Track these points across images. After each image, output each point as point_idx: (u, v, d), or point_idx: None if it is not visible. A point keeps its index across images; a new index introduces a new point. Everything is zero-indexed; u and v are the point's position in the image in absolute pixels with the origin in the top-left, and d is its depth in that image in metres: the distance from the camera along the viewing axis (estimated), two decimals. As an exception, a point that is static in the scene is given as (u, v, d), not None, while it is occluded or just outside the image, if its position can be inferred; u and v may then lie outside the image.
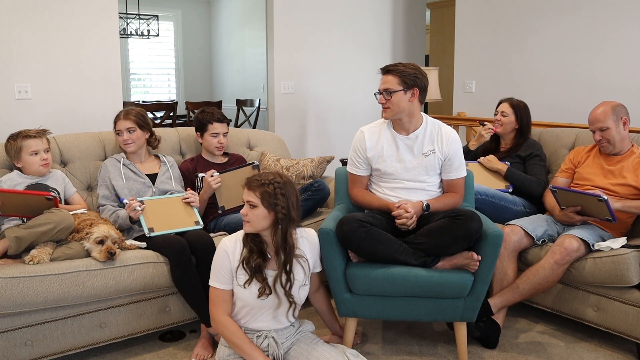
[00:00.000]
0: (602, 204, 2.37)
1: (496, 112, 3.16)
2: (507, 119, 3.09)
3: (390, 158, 2.43)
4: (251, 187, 1.96)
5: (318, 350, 2.01)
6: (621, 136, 2.60)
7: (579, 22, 4.07)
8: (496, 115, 3.15)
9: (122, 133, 2.70)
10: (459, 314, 2.24)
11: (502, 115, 3.11)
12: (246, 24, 7.00)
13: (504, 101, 3.16)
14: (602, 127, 2.59)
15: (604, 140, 2.61)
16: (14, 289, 2.05)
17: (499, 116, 3.13)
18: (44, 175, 2.55)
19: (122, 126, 2.70)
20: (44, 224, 2.18)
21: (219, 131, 2.88)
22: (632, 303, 2.32)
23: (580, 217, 2.55)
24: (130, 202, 2.45)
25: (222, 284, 2.00)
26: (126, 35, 6.82)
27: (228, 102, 7.18)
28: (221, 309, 2.01)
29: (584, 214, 2.54)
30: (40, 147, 2.50)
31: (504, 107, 3.12)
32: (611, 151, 2.64)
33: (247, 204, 1.96)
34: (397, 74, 2.34)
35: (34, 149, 2.48)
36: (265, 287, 1.97)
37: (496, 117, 3.14)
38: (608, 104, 2.61)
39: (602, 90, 3.91)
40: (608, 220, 2.43)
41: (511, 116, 3.08)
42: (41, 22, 3.11)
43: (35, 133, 2.51)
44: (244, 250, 2.00)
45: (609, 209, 2.37)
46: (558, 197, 2.59)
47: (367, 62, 5.15)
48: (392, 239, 2.22)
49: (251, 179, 1.98)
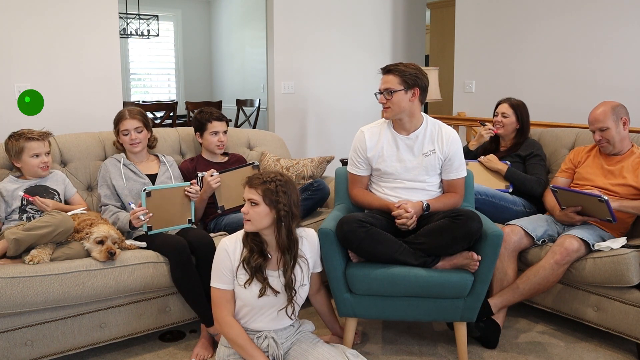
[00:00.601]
0: (602, 204, 2.37)
1: (496, 114, 3.14)
2: (508, 119, 3.08)
3: (391, 158, 2.43)
4: (253, 184, 1.96)
5: (318, 351, 2.01)
6: (621, 136, 2.60)
7: (579, 22, 4.07)
8: (496, 117, 3.13)
9: (129, 133, 2.67)
10: (459, 314, 2.24)
11: (502, 117, 3.10)
12: (246, 24, 7.00)
13: (503, 102, 3.14)
14: (602, 127, 2.59)
15: (604, 141, 2.61)
16: (14, 289, 2.05)
17: (499, 117, 3.11)
18: (42, 177, 2.54)
19: (130, 125, 2.67)
20: (43, 227, 2.17)
21: (219, 129, 2.88)
22: (632, 303, 2.32)
23: (580, 217, 2.55)
24: (136, 211, 2.39)
25: (224, 284, 1.99)
26: (126, 35, 6.82)
27: (228, 102, 7.18)
28: (225, 310, 1.99)
29: (584, 214, 2.54)
30: (42, 150, 2.49)
31: (504, 108, 3.11)
32: (611, 151, 2.64)
33: (249, 202, 1.95)
34: (397, 74, 2.34)
35: (36, 151, 2.46)
36: (266, 287, 1.97)
37: (497, 119, 3.12)
38: (608, 104, 2.61)
39: (602, 90, 3.91)
40: (608, 220, 2.43)
41: (512, 117, 3.07)
42: (41, 22, 3.11)
43: (38, 135, 2.49)
44: (244, 250, 2.00)
45: (609, 210, 2.37)
46: (558, 197, 2.59)
47: (367, 62, 5.15)
48: (392, 239, 2.22)
49: (252, 177, 1.99)
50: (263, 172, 2.02)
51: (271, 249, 2.02)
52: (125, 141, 2.69)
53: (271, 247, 2.02)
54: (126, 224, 2.47)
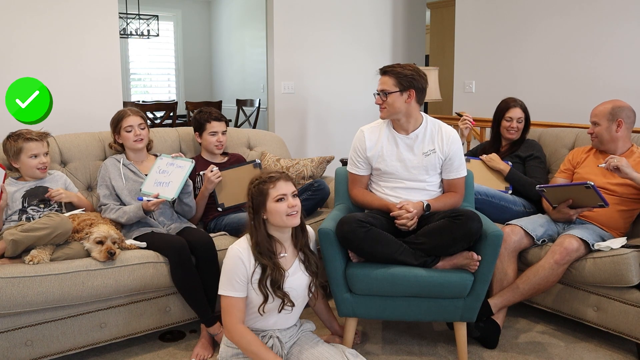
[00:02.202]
0: (589, 190, 2.38)
1: (509, 119, 3.01)
2: (522, 124, 3.03)
3: (391, 157, 2.43)
4: (288, 178, 2.01)
5: (318, 350, 2.01)
6: (611, 136, 2.61)
7: (579, 22, 4.07)
8: (510, 122, 3.01)
9: (133, 129, 2.67)
10: (459, 314, 2.24)
11: (517, 122, 3.01)
12: (246, 24, 7.00)
13: (514, 106, 3.02)
14: (595, 121, 2.65)
15: (593, 135, 2.67)
16: (14, 289, 2.05)
17: (514, 123, 3.00)
18: (41, 178, 2.53)
19: (134, 122, 2.67)
20: (41, 229, 2.16)
21: (217, 129, 2.88)
22: (632, 303, 2.32)
23: (574, 211, 2.55)
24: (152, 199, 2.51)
25: (236, 291, 1.95)
26: (126, 35, 6.82)
27: (228, 102, 7.19)
28: (236, 318, 1.95)
29: (577, 207, 2.54)
30: (41, 151, 2.48)
31: (518, 112, 3.01)
32: (598, 147, 2.70)
33: (291, 194, 1.98)
34: (393, 75, 2.35)
35: (34, 152, 2.46)
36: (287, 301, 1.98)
37: (511, 124, 3.01)
38: (613, 102, 2.62)
39: (602, 90, 3.90)
40: (601, 206, 2.44)
41: (524, 120, 3.04)
42: (41, 22, 3.11)
43: (37, 136, 2.48)
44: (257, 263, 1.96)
45: (598, 195, 2.38)
46: (547, 195, 2.60)
47: (367, 62, 5.15)
48: (392, 239, 2.22)
49: (279, 172, 2.03)
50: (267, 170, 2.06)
51: (286, 245, 2.05)
52: (129, 138, 2.68)
53: (287, 243, 2.05)
54: (136, 212, 2.50)
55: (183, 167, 2.62)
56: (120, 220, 2.52)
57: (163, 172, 2.62)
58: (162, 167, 2.64)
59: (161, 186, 2.58)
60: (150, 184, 2.60)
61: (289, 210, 1.95)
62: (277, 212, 1.95)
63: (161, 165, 2.65)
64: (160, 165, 2.65)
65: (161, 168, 2.63)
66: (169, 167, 2.63)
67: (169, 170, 2.62)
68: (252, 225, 1.99)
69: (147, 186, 2.59)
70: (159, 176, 2.61)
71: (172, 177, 2.59)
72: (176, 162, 2.65)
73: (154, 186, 2.58)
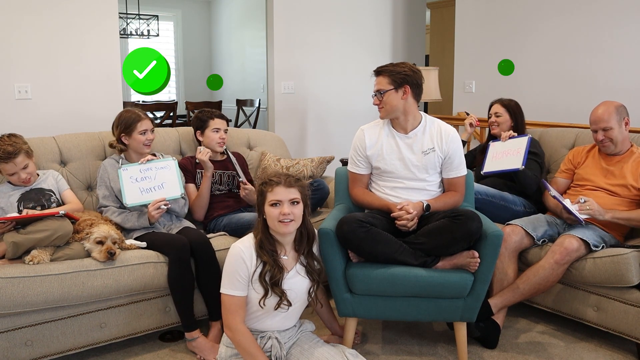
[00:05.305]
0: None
1: (490, 115, 3.24)
2: (502, 118, 3.17)
3: (390, 156, 2.43)
4: (291, 184, 1.97)
5: (318, 350, 2.01)
6: (623, 136, 2.61)
7: (579, 22, 4.07)
8: (490, 118, 3.22)
9: (146, 132, 2.67)
10: (459, 314, 2.24)
11: (496, 117, 3.19)
12: (246, 24, 7.00)
13: (495, 103, 3.24)
14: (606, 127, 2.58)
15: (607, 140, 2.61)
16: (14, 289, 2.05)
17: (493, 118, 3.21)
18: (30, 184, 2.48)
19: (148, 126, 2.67)
20: (42, 231, 2.16)
21: (220, 126, 2.90)
22: (632, 303, 2.32)
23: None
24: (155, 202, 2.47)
25: (238, 290, 1.96)
26: (126, 35, 6.82)
27: (228, 102, 7.18)
28: (238, 317, 1.96)
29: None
30: (18, 168, 2.38)
31: (497, 108, 3.21)
32: (612, 151, 2.64)
33: (290, 202, 1.96)
34: (386, 74, 2.37)
35: (10, 171, 2.38)
36: (284, 299, 1.98)
37: (491, 120, 3.22)
38: (610, 104, 2.61)
39: (602, 90, 3.91)
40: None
41: (505, 115, 3.16)
42: (41, 22, 3.11)
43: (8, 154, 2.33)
44: (259, 261, 1.98)
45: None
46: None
47: (367, 62, 5.14)
48: (392, 239, 2.22)
49: (285, 176, 1.99)
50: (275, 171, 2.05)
51: (287, 249, 2.04)
52: (141, 140, 2.65)
53: (288, 246, 2.04)
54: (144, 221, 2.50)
55: (168, 167, 2.58)
56: (124, 225, 2.53)
57: (143, 180, 2.54)
58: (134, 175, 2.54)
59: (153, 191, 2.53)
60: (133, 194, 2.50)
61: (281, 217, 1.93)
62: (270, 217, 1.96)
63: (132, 174, 2.54)
64: (131, 174, 2.54)
65: (134, 177, 2.53)
66: (146, 172, 2.55)
67: (149, 175, 2.55)
68: (258, 222, 2.02)
69: (132, 197, 2.50)
70: (141, 184, 2.53)
71: (161, 179, 2.55)
72: (152, 165, 2.57)
73: (142, 194, 2.51)
